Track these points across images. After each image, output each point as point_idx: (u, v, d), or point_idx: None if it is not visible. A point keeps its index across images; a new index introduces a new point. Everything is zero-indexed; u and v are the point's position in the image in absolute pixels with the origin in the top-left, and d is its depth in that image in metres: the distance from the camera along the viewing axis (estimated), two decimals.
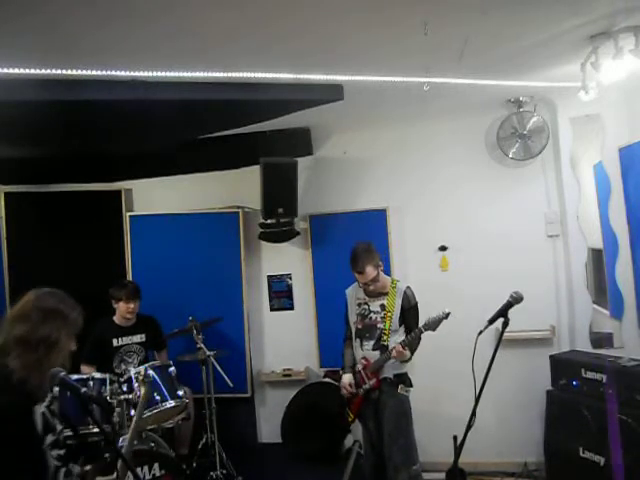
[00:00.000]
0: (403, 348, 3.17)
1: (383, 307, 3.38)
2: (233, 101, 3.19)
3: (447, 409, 4.20)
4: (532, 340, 4.17)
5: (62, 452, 1.97)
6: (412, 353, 3.27)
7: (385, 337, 3.32)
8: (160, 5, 2.11)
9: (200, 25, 2.35)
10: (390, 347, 3.26)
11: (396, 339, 3.29)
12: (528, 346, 4.18)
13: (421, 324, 3.20)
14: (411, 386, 3.38)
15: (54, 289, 1.98)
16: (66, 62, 2.58)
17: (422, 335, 3.22)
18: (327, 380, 4.53)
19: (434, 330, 3.15)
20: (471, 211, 4.44)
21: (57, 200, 4.80)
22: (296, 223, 4.58)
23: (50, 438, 1.89)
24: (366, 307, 3.44)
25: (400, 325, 3.35)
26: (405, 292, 3.37)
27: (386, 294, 3.39)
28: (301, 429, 4.43)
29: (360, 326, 3.43)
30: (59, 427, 1.96)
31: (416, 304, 3.38)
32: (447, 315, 3.10)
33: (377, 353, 3.33)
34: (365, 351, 3.39)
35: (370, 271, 3.28)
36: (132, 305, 4.04)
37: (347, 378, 3.44)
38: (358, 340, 3.43)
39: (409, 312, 3.35)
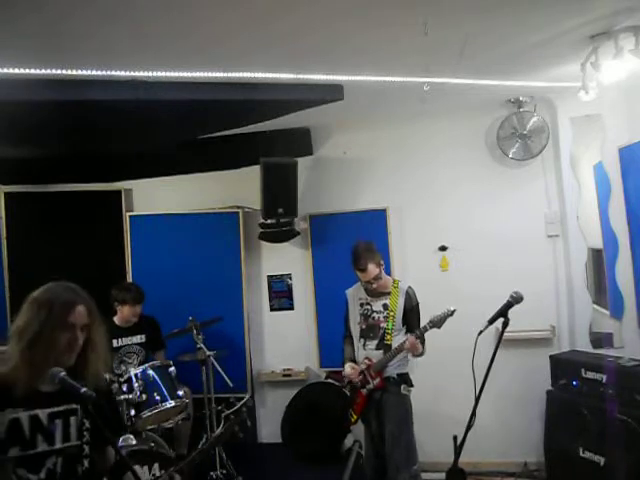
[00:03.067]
0: (416, 339, 3.18)
1: (386, 307, 3.37)
2: (233, 101, 3.19)
3: (447, 409, 4.19)
4: (532, 340, 4.17)
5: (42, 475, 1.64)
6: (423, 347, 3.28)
7: (388, 337, 3.32)
8: (160, 5, 2.11)
9: (200, 25, 2.35)
10: (394, 346, 3.26)
11: (399, 339, 3.29)
12: (528, 346, 4.18)
13: (426, 322, 3.20)
14: (412, 386, 3.38)
15: (63, 282, 1.81)
16: (67, 62, 2.58)
17: (426, 333, 3.22)
18: (327, 380, 4.53)
19: (439, 327, 3.15)
20: (471, 211, 4.44)
21: (57, 200, 4.80)
22: (296, 223, 4.57)
23: (15, 452, 1.60)
24: (368, 307, 3.43)
25: (403, 325, 3.35)
26: (407, 292, 3.38)
27: (388, 294, 3.39)
28: (301, 429, 4.43)
29: (364, 326, 3.43)
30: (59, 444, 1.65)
31: (418, 304, 3.40)
32: (452, 312, 3.10)
33: (380, 353, 3.32)
34: (368, 351, 3.38)
35: (372, 269, 3.28)
36: (138, 309, 4.05)
37: (349, 367, 3.43)
38: (362, 340, 3.42)
39: (412, 312, 3.36)
